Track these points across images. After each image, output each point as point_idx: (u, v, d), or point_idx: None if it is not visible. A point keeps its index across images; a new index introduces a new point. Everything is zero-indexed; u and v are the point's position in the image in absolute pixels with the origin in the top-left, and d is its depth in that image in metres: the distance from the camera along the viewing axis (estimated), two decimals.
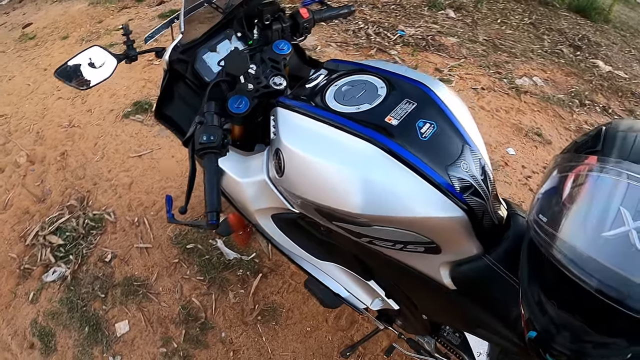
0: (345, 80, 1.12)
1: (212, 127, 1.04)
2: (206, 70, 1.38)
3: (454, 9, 5.17)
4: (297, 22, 1.47)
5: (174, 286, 2.17)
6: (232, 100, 1.16)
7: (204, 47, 1.40)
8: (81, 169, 2.88)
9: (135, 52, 1.47)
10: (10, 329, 2.22)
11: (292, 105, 1.09)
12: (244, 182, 1.22)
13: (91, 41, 4.46)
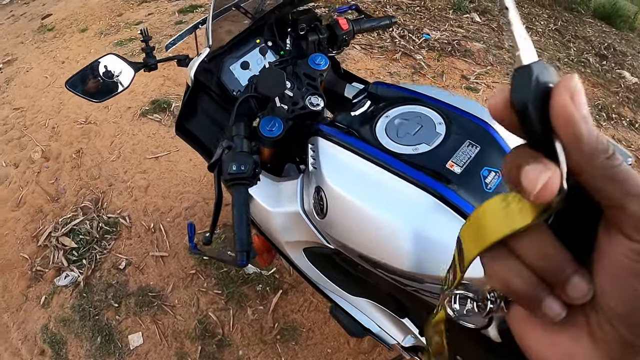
0: (397, 112, 0.99)
1: (243, 155, 0.93)
2: (233, 83, 1.28)
3: (479, 12, 5.04)
4: (335, 33, 1.34)
5: (190, 299, 2.07)
6: (264, 122, 1.04)
7: (231, 57, 1.29)
8: (96, 169, 2.80)
9: (155, 60, 1.37)
10: (21, 333, 2.16)
11: (336, 138, 0.97)
12: (274, 212, 1.11)
13: (110, 35, 4.38)
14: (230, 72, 1.27)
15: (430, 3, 5.14)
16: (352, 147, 0.92)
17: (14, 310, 2.25)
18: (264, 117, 1.03)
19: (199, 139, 1.30)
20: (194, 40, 1.51)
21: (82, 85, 1.26)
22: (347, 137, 0.95)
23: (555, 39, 4.73)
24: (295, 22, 1.32)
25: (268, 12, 1.38)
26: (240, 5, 1.43)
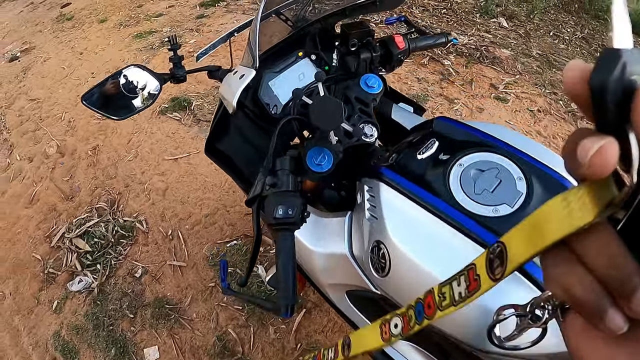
0: (472, 160, 0.86)
1: (290, 197, 0.81)
2: (272, 100, 1.14)
3: (506, 17, 4.89)
4: (390, 52, 1.21)
5: (209, 313, 1.97)
6: (312, 153, 0.89)
7: (270, 71, 1.16)
8: (113, 168, 2.71)
9: (184, 71, 1.23)
10: (32, 339, 2.08)
11: (404, 188, 0.84)
12: (316, 252, 0.99)
13: (129, 26, 4.28)
14: (269, 88, 1.14)
15: (457, 5, 5.00)
16: (424, 203, 0.80)
17: (25, 314, 2.17)
18: (311, 148, 0.89)
19: (232, 160, 1.17)
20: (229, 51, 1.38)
21: (100, 100, 1.12)
22: (417, 189, 0.83)
23: (582, 48, 4.57)
24: (346, 36, 1.19)
25: (313, 22, 1.25)
26: (280, 12, 1.30)
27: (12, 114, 3.47)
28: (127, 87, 1.12)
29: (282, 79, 1.16)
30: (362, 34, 1.20)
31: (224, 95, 1.08)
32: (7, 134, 3.28)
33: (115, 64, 3.70)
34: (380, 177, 0.88)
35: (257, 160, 1.09)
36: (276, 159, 0.85)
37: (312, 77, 1.18)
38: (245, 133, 1.15)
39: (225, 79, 1.18)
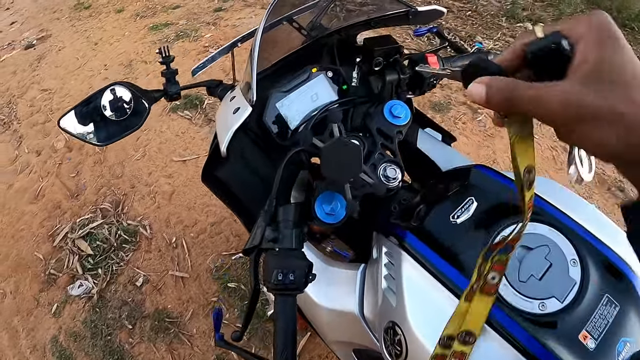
0: None
1: (292, 259, 0.68)
2: (279, 124, 0.99)
3: (533, 22, 4.70)
4: (420, 74, 1.03)
5: (210, 330, 1.88)
6: (322, 199, 0.74)
7: (278, 90, 1.00)
8: (119, 166, 2.62)
9: (178, 87, 1.08)
10: (30, 341, 2.01)
11: (430, 264, 0.70)
12: (323, 306, 0.86)
13: (146, 17, 4.19)
14: (276, 109, 0.99)
15: (482, 8, 4.83)
16: (456, 289, 0.66)
17: (24, 315, 2.11)
18: (321, 194, 0.74)
19: (231, 190, 1.02)
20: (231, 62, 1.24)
21: (80, 124, 0.98)
22: (448, 269, 0.68)
23: None
24: (370, 53, 1.02)
25: (332, 32, 1.09)
26: (293, 18, 1.15)
27: (23, 103, 3.41)
28: (111, 108, 0.99)
29: (291, 100, 1.00)
30: (389, 51, 1.03)
31: (217, 131, 0.94)
32: (17, 125, 3.22)
33: (128, 57, 3.62)
34: (403, 243, 0.74)
35: (260, 191, 0.95)
36: (279, 206, 0.72)
37: (327, 98, 1.03)
38: (248, 159, 0.99)
39: (222, 103, 1.03)
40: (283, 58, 1.07)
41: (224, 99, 1.06)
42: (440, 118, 2.88)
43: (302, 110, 1.01)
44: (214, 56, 1.18)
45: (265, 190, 0.80)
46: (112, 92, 0.99)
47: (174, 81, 1.08)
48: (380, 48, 1.02)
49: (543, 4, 5.43)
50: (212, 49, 3.48)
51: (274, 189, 0.76)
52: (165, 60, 1.05)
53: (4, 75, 3.88)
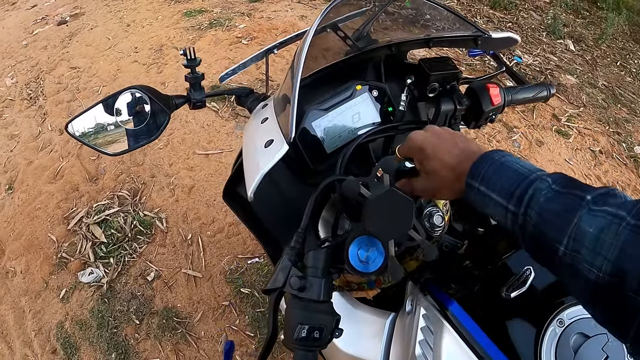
0: (575, 316, 0.62)
1: (319, 313, 0.60)
2: (314, 145, 0.89)
3: (574, 40, 4.57)
4: (479, 106, 0.93)
5: (218, 334, 1.81)
6: (357, 245, 0.64)
7: (316, 107, 0.90)
8: (141, 154, 2.57)
9: (203, 95, 0.97)
10: (36, 324, 1.98)
11: (476, 343, 0.61)
12: (344, 352, 0.77)
13: (180, 3, 4.14)
14: (312, 128, 0.89)
15: (523, 20, 4.70)
16: None
17: (32, 296, 2.08)
18: (355, 239, 0.64)
19: (254, 212, 0.95)
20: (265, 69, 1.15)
21: (90, 130, 0.88)
22: (496, 353, 0.59)
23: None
24: (426, 76, 0.93)
25: (382, 47, 0.99)
26: (338, 26, 1.05)
27: (51, 80, 3.39)
28: (126, 114, 0.89)
29: (330, 119, 0.90)
30: (448, 76, 0.94)
31: (244, 160, 0.84)
32: (43, 101, 3.20)
33: (159, 41, 3.57)
34: (446, 311, 0.65)
35: (286, 217, 0.86)
36: (309, 251, 0.64)
37: (369, 119, 0.94)
38: (276, 180, 0.91)
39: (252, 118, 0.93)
40: (324, 68, 0.98)
41: (255, 113, 0.97)
42: (474, 134, 2.77)
43: (341, 132, 0.91)
44: (246, 62, 1.09)
45: (293, 216, 0.73)
46: (129, 96, 0.89)
47: (199, 87, 0.97)
48: (439, 73, 0.93)
49: (585, 21, 5.28)
50: (245, 40, 3.41)
51: (303, 222, 0.68)
52: (190, 64, 0.94)
53: (35, 49, 3.87)
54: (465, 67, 3.46)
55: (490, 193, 0.51)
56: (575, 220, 0.43)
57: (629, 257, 0.39)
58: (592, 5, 5.85)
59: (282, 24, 3.59)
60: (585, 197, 0.45)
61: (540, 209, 0.47)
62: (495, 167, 0.52)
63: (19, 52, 3.91)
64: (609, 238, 0.41)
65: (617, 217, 0.41)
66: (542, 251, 0.47)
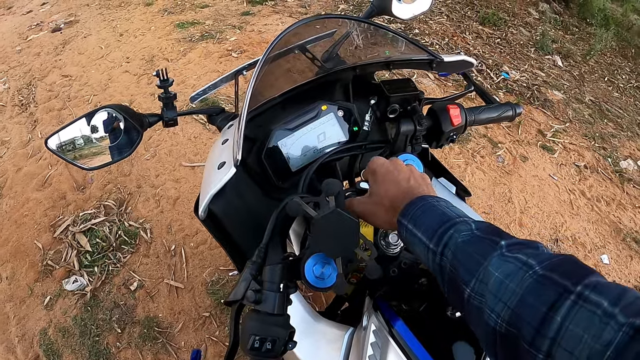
0: None
1: (272, 326, 0.63)
2: (279, 164, 0.93)
3: (562, 55, 4.64)
4: (439, 127, 0.97)
5: (198, 345, 1.84)
6: (313, 261, 0.68)
7: (282, 127, 0.94)
8: (128, 164, 2.60)
9: (175, 113, 1.01)
10: (19, 330, 2.00)
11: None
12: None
13: (173, 14, 4.20)
14: (278, 148, 0.94)
15: (512, 36, 4.77)
16: None
17: (17, 302, 2.10)
18: (312, 255, 0.68)
19: (223, 225, 0.95)
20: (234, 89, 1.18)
21: (68, 146, 0.92)
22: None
23: (637, 99, 4.30)
24: (387, 97, 0.97)
25: (348, 68, 1.02)
26: (306, 47, 1.08)
27: (42, 87, 3.43)
28: (101, 132, 0.93)
29: (296, 138, 0.95)
30: (408, 98, 0.98)
31: (203, 177, 0.88)
32: (34, 108, 3.23)
33: (151, 52, 3.62)
34: (392, 329, 0.69)
35: (253, 231, 0.91)
36: (266, 265, 0.68)
37: (335, 139, 0.98)
38: (243, 196, 0.94)
39: (219, 137, 0.97)
40: (292, 89, 1.01)
41: (221, 133, 1.01)
42: (459, 149, 2.83)
43: (306, 151, 0.95)
44: (216, 83, 1.12)
45: (259, 231, 0.76)
46: (105, 114, 0.93)
47: (172, 106, 1.01)
48: (397, 95, 0.97)
49: (573, 37, 5.37)
50: (235, 54, 3.46)
51: (265, 237, 0.72)
52: (163, 84, 0.98)
53: (28, 55, 3.91)
54: (452, 83, 3.53)
55: (416, 232, 0.53)
56: (485, 264, 0.44)
57: (528, 306, 0.39)
58: (581, 22, 5.96)
59: (273, 37, 3.59)
60: (499, 243, 0.45)
61: (456, 249, 0.48)
62: (425, 209, 0.55)
63: (13, 57, 3.94)
64: (512, 285, 0.40)
65: (525, 265, 0.41)
66: (454, 292, 0.48)
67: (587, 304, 0.36)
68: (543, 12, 5.75)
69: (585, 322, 0.35)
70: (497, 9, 5.25)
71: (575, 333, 0.35)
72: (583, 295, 0.36)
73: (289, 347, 0.65)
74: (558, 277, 0.39)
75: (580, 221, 2.64)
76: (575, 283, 0.37)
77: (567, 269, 0.39)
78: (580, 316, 0.35)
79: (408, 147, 1.00)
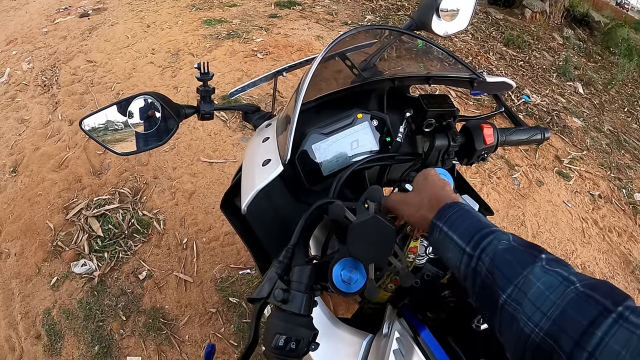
0: None
1: (298, 326, 0.63)
2: (312, 167, 0.94)
3: (583, 83, 4.63)
4: (472, 144, 0.98)
5: (202, 340, 1.83)
6: (341, 266, 0.69)
7: (318, 131, 0.94)
8: (147, 154, 2.62)
9: (212, 107, 1.02)
10: (23, 307, 2.00)
11: None
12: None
13: (201, 10, 4.23)
14: (312, 151, 0.94)
15: (535, 60, 4.76)
16: None
17: (23, 280, 2.10)
18: (340, 260, 0.69)
19: (249, 224, 0.97)
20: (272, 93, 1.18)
21: (103, 128, 0.93)
22: None
23: None
24: (423, 112, 0.97)
25: (385, 80, 1.03)
26: (347, 55, 1.11)
27: (66, 70, 3.46)
28: (138, 118, 0.94)
29: (329, 144, 0.95)
30: (444, 113, 0.98)
31: (242, 173, 0.88)
32: (57, 90, 3.26)
33: (177, 45, 3.65)
34: (417, 336, 0.68)
35: (278, 231, 0.90)
36: (295, 266, 0.67)
37: (366, 147, 0.98)
38: (272, 196, 0.93)
39: (255, 135, 0.97)
40: (328, 94, 1.02)
41: (259, 131, 1.01)
42: (476, 168, 2.82)
43: (338, 157, 0.96)
44: (256, 81, 1.14)
45: (285, 232, 0.76)
46: (142, 101, 0.94)
47: (209, 100, 1.02)
48: (435, 110, 0.97)
49: (596, 65, 5.36)
50: (260, 54, 3.48)
51: (293, 238, 0.72)
52: (203, 77, 0.99)
53: (54, 38, 3.95)
54: (473, 101, 3.52)
55: (452, 234, 0.55)
56: (525, 273, 0.46)
57: (569, 319, 0.41)
58: (604, 50, 5.96)
59: (298, 42, 3.66)
60: (540, 256, 0.47)
61: (495, 255, 0.50)
62: (461, 213, 0.57)
63: (39, 38, 3.99)
64: (554, 297, 0.43)
65: (567, 280, 0.43)
66: (487, 297, 0.49)
67: (627, 324, 0.38)
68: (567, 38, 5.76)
69: (624, 340, 0.37)
70: (522, 31, 5.26)
71: (614, 349, 0.37)
72: (624, 316, 0.39)
73: (312, 348, 0.65)
74: (599, 296, 0.41)
75: (591, 250, 2.62)
76: (615, 304, 0.40)
77: (607, 291, 0.42)
78: (620, 334, 0.38)
79: (439, 162, 1.00)
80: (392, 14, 4.73)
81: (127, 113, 0.94)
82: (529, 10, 5.90)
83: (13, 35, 4.12)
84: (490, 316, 0.50)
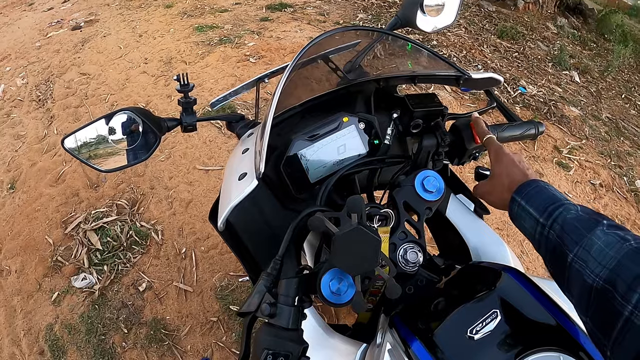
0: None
1: (286, 341, 0.61)
2: (298, 174, 0.91)
3: (579, 71, 4.59)
4: (462, 144, 0.94)
5: (204, 350, 1.83)
6: (329, 277, 0.66)
7: (302, 137, 0.91)
8: (142, 165, 2.61)
9: (194, 119, 0.99)
10: (26, 324, 2.00)
11: None
12: None
13: (193, 17, 4.23)
14: (297, 159, 0.91)
15: (530, 50, 4.73)
16: None
17: (24, 296, 2.11)
18: (329, 270, 0.66)
19: (238, 234, 0.93)
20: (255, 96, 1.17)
21: (85, 147, 0.91)
22: None
23: None
24: (410, 112, 0.95)
25: (372, 80, 1.01)
26: (329, 57, 1.08)
27: (60, 84, 3.47)
28: (119, 134, 0.92)
29: (315, 149, 0.92)
30: (431, 113, 0.96)
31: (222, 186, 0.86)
32: (51, 104, 3.27)
33: (169, 54, 3.65)
34: (408, 349, 0.66)
35: (267, 241, 0.89)
36: (282, 279, 0.66)
37: (354, 151, 0.95)
38: (260, 205, 0.92)
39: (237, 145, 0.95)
40: (313, 98, 0.99)
41: (241, 141, 0.99)
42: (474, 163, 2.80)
43: (325, 163, 0.93)
44: (238, 90, 1.11)
45: (275, 242, 0.74)
46: (123, 116, 0.92)
47: (191, 111, 1.00)
48: (421, 110, 0.95)
49: (591, 53, 5.33)
50: (253, 59, 3.48)
51: (281, 249, 0.70)
52: (183, 89, 0.96)
53: (47, 52, 3.96)
54: (469, 96, 3.51)
55: (528, 207, 0.65)
56: (589, 235, 0.54)
57: (624, 267, 0.48)
58: (599, 37, 5.92)
59: (291, 44, 3.65)
60: (602, 221, 0.55)
61: (564, 223, 0.59)
62: (538, 189, 0.65)
63: (32, 53, 4.00)
64: (612, 252, 0.51)
65: (623, 239, 0.51)
66: (556, 259, 0.58)
67: None
68: (561, 27, 5.72)
69: None
70: (515, 22, 5.23)
71: None
72: None
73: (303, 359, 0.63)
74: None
75: None
76: None
77: None
78: None
79: (429, 163, 0.98)
80: (384, 11, 4.72)
81: (109, 129, 0.92)
82: (521, 1, 5.86)
83: (6, 51, 4.13)
84: (559, 276, 0.58)
